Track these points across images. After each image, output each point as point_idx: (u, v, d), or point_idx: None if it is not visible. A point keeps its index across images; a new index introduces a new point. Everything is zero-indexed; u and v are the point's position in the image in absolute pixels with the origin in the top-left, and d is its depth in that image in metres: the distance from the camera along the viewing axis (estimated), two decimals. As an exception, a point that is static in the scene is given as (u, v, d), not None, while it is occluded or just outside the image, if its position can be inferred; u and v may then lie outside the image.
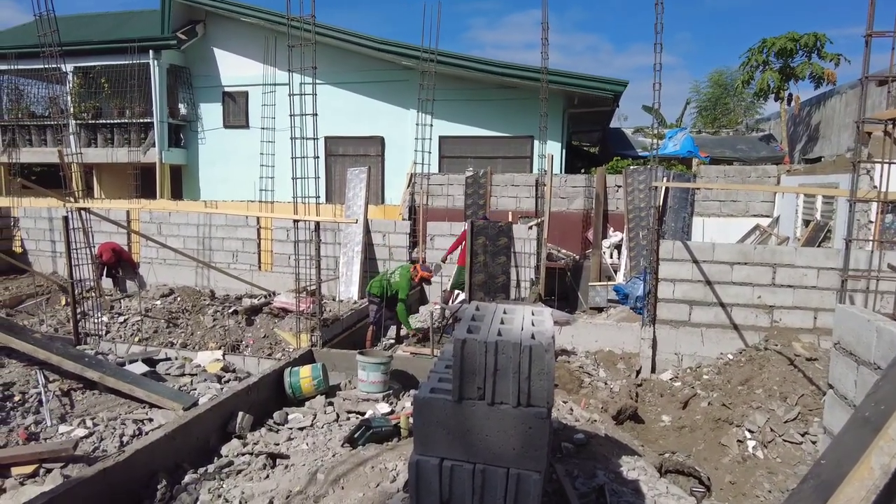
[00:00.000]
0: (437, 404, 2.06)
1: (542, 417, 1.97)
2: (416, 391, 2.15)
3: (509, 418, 2.00)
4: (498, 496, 1.98)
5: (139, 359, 6.47)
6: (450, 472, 2.01)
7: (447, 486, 2.01)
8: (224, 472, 4.35)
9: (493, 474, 2.00)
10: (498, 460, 2.01)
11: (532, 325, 2.15)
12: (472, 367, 2.00)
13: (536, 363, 1.95)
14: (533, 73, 11.87)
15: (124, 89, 15.41)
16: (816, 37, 13.77)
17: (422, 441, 2.08)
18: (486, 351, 1.98)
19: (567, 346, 7.69)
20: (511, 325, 2.16)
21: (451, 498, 2.02)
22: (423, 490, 2.04)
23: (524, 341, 1.98)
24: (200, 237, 12.22)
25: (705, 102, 29.54)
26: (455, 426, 2.03)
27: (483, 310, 2.39)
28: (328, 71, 14.78)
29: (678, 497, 3.56)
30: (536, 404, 1.99)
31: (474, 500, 2.00)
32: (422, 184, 11.40)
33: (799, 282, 7.15)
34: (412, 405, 2.13)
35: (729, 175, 12.00)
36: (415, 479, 2.03)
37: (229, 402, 5.16)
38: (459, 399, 2.03)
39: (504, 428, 2.00)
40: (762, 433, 5.69)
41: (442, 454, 2.05)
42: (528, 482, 1.96)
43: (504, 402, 2.01)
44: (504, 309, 2.41)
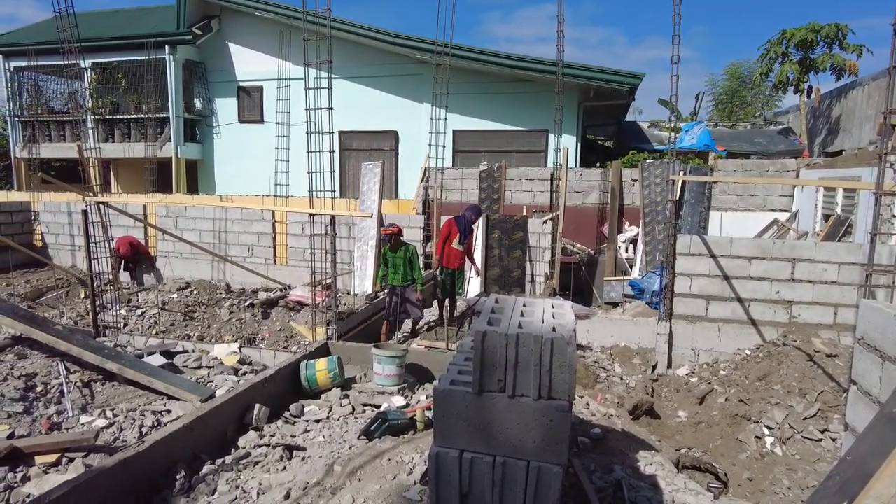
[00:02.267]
0: (458, 396, 2.05)
1: (563, 410, 1.96)
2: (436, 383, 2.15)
3: (530, 411, 1.99)
4: (518, 489, 1.98)
5: (157, 351, 6.54)
6: (470, 465, 2.01)
7: (467, 478, 2.01)
8: (242, 464, 4.39)
9: (513, 467, 1.99)
10: (518, 453, 2.00)
11: (553, 318, 2.13)
12: (493, 360, 1.99)
13: (558, 356, 1.94)
14: (548, 66, 11.78)
15: (141, 85, 15.56)
16: (838, 27, 13.51)
17: (442, 433, 2.08)
18: (506, 343, 1.97)
19: (582, 340, 7.65)
20: (532, 318, 2.15)
21: (471, 490, 2.01)
22: (443, 482, 2.04)
23: (545, 334, 1.96)
24: (216, 231, 12.32)
25: (721, 96, 29.16)
26: (475, 418, 2.03)
27: (502, 302, 2.38)
28: (342, 65, 14.80)
29: (696, 493, 3.53)
30: (558, 397, 1.98)
31: (494, 492, 1.99)
32: (435, 178, 11.39)
33: (819, 277, 7.05)
34: (432, 397, 2.13)
35: (746, 169, 11.84)
36: (434, 471, 2.03)
37: (246, 394, 5.20)
38: (480, 391, 2.02)
39: (525, 421, 1.99)
40: (781, 430, 5.62)
41: (462, 446, 2.05)
42: (548, 475, 1.95)
43: (525, 394, 2.00)
44: (524, 302, 2.40)
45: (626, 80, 12.27)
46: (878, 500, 1.59)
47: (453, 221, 8.12)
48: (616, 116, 16.81)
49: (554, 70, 10.00)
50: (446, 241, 8.07)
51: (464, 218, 8.09)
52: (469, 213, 8.07)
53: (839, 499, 1.85)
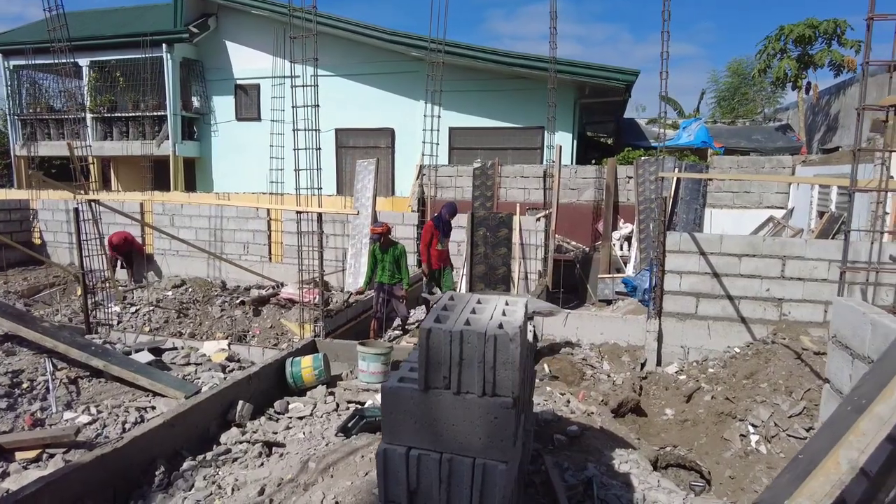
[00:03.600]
0: (405, 393, 2.05)
1: (507, 407, 1.96)
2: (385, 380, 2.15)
3: (475, 408, 1.99)
4: (464, 486, 1.98)
5: (145, 348, 6.57)
6: (417, 462, 2.01)
7: (414, 475, 2.01)
8: (221, 460, 4.41)
9: (459, 464, 1.99)
10: (464, 450, 2.00)
11: (503, 316, 2.13)
12: (438, 357, 2.00)
13: (501, 353, 1.94)
14: (541, 62, 11.75)
15: (139, 83, 15.60)
16: (836, 23, 13.41)
17: (389, 430, 2.08)
18: (451, 340, 1.97)
19: (572, 338, 7.65)
20: (481, 315, 2.15)
21: (419, 487, 2.01)
22: (391, 479, 2.04)
23: (489, 331, 1.96)
24: (212, 228, 12.37)
25: (724, 92, 29.01)
26: (422, 415, 2.03)
27: (457, 299, 2.38)
28: (338, 63, 14.82)
29: (668, 491, 3.53)
30: (502, 394, 1.98)
31: (441, 489, 1.99)
32: (430, 175, 11.38)
33: (809, 274, 7.01)
34: (380, 394, 2.14)
35: (742, 166, 11.79)
36: (382, 468, 2.04)
37: (230, 391, 5.22)
38: (426, 388, 2.02)
39: (470, 418, 1.99)
40: (766, 428, 5.60)
41: (409, 443, 2.05)
42: (493, 472, 1.95)
43: (470, 391, 2.00)
44: (479, 299, 2.40)
45: (621, 77, 12.22)
46: (811, 498, 1.59)
47: (432, 224, 8.21)
48: (614, 113, 16.76)
49: (547, 67, 9.99)
50: (429, 245, 8.14)
51: (441, 217, 8.17)
52: (444, 210, 8.14)
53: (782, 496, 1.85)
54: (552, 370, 6.19)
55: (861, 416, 1.79)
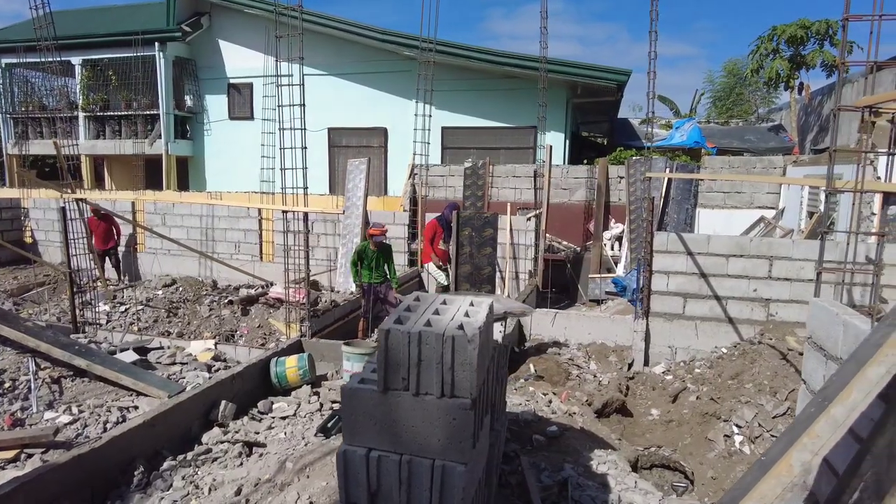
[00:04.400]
0: (364, 394, 2.05)
1: (465, 408, 1.95)
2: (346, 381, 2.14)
3: (433, 409, 1.98)
4: (424, 488, 1.97)
5: (130, 347, 6.55)
6: (377, 463, 2.00)
7: (375, 476, 2.01)
8: (200, 460, 4.40)
9: (419, 466, 1.98)
10: (424, 451, 1.99)
11: (466, 316, 2.13)
12: (397, 358, 1.99)
13: (459, 354, 1.93)
14: (532, 62, 11.74)
15: (131, 81, 15.56)
16: (828, 24, 13.42)
17: (350, 431, 2.07)
18: (409, 341, 1.96)
19: (560, 338, 7.65)
20: (443, 316, 2.14)
21: (379, 489, 2.01)
22: (351, 481, 2.03)
23: (448, 332, 1.96)
24: (203, 228, 12.35)
25: (719, 92, 29.06)
26: (382, 417, 2.02)
27: (422, 300, 2.37)
28: (330, 62, 14.80)
29: (645, 492, 3.52)
30: (460, 395, 1.97)
31: (401, 491, 1.98)
32: (422, 175, 11.37)
33: (796, 275, 7.02)
34: (340, 395, 2.13)
35: (734, 166, 11.80)
36: (343, 470, 2.03)
37: (213, 390, 5.20)
38: (385, 390, 2.02)
39: (429, 419, 1.99)
40: (750, 428, 5.61)
41: (370, 444, 2.04)
42: (452, 474, 1.94)
43: (428, 393, 1.99)
44: (444, 299, 2.39)
45: (613, 77, 12.22)
46: (762, 500, 1.58)
47: (436, 222, 8.15)
48: (608, 113, 16.76)
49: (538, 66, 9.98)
50: (432, 241, 8.10)
51: (444, 217, 8.12)
52: (447, 210, 8.10)
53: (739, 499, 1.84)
54: (538, 370, 6.18)
55: (817, 418, 1.78)
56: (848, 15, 3.45)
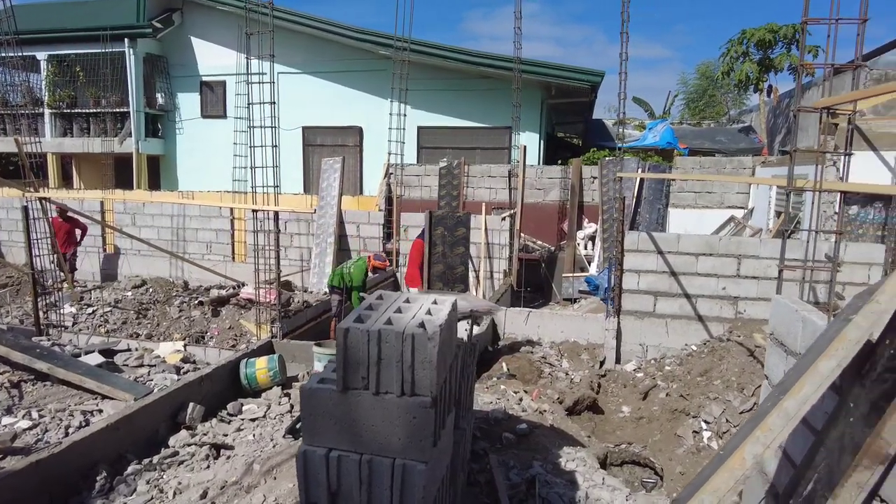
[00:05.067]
0: (323, 394, 2.02)
1: (425, 407, 1.94)
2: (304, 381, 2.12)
3: (394, 408, 1.97)
4: (384, 487, 1.95)
5: (96, 350, 6.40)
6: (337, 463, 1.98)
7: (335, 476, 1.98)
8: (167, 463, 4.31)
9: (379, 465, 1.97)
10: (384, 450, 1.98)
11: (427, 315, 2.12)
12: (356, 357, 1.97)
13: (419, 352, 1.92)
14: (506, 62, 11.79)
15: (99, 78, 15.21)
16: (795, 28, 13.71)
17: (309, 432, 2.05)
18: (368, 340, 1.95)
19: (533, 336, 7.68)
20: (405, 315, 2.13)
21: (340, 489, 1.98)
22: (312, 481, 2.01)
23: (408, 330, 1.94)
24: (174, 228, 12.14)
25: (692, 94, 29.55)
26: (341, 416, 2.00)
27: (385, 298, 2.35)
28: (305, 60, 14.66)
29: (612, 489, 3.55)
30: (421, 394, 1.96)
31: (362, 490, 1.97)
32: (398, 174, 11.33)
33: (763, 273, 7.16)
34: (299, 395, 2.10)
35: (704, 166, 11.99)
36: (302, 470, 2.00)
37: (180, 392, 5.11)
38: (344, 389, 2.00)
39: (389, 418, 1.97)
40: (718, 424, 5.70)
41: (329, 445, 2.02)
42: (413, 473, 1.93)
43: (389, 391, 1.97)
44: (407, 298, 2.38)
45: (585, 78, 12.33)
46: (715, 493, 1.60)
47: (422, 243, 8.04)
48: (583, 114, 16.90)
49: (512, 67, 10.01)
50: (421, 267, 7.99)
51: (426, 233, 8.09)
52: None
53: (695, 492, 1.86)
54: (510, 369, 6.20)
55: (770, 412, 1.81)
56: (807, 18, 3.53)
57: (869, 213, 8.38)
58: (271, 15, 6.07)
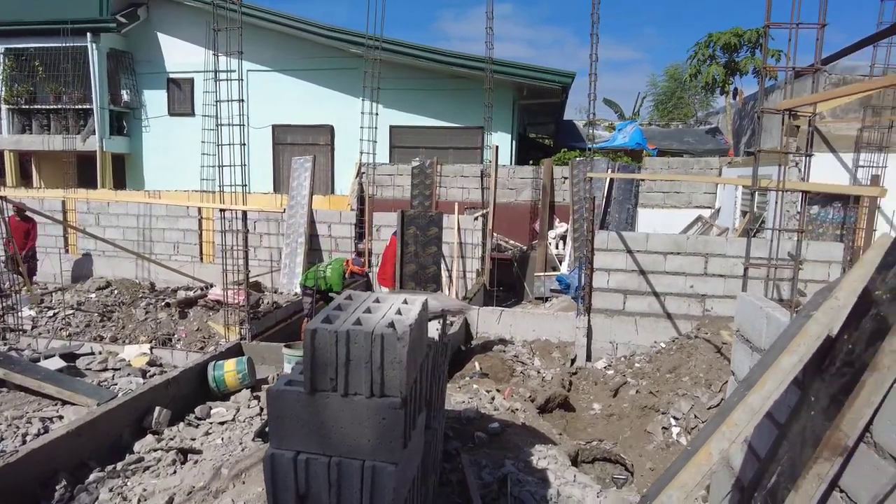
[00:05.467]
0: (291, 397, 1.99)
1: (395, 408, 1.92)
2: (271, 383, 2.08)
3: (363, 409, 1.94)
4: (354, 490, 1.93)
5: (57, 354, 6.20)
6: (305, 466, 1.95)
7: (303, 480, 1.95)
8: (131, 469, 4.20)
9: (348, 467, 1.94)
10: (353, 453, 1.95)
11: (398, 314, 2.10)
12: (324, 358, 1.94)
13: (389, 352, 1.90)
14: (478, 62, 11.82)
15: (60, 73, 14.75)
16: (759, 33, 14.07)
17: (277, 435, 2.01)
18: (336, 341, 1.92)
19: (506, 335, 7.72)
20: (374, 314, 2.10)
21: (308, 492, 1.95)
22: (280, 485, 1.97)
23: (377, 330, 1.92)
24: (141, 228, 11.86)
25: (661, 96, 30.07)
26: (309, 419, 1.97)
27: (354, 298, 2.32)
28: (275, 58, 14.46)
29: (584, 486, 3.58)
30: (390, 394, 1.94)
31: (331, 493, 1.94)
32: (370, 174, 11.26)
33: (730, 271, 7.31)
34: (266, 398, 2.06)
35: (673, 167, 12.21)
36: (270, 474, 1.96)
37: (146, 396, 4.99)
38: (312, 391, 1.96)
39: (358, 419, 1.95)
40: (686, 420, 5.80)
41: (298, 447, 1.99)
42: (382, 475, 1.91)
43: (358, 393, 1.95)
44: (377, 297, 2.36)
45: (557, 79, 12.44)
46: (683, 488, 1.62)
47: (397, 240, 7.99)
48: (554, 115, 17.05)
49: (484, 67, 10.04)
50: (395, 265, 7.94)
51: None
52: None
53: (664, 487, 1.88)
54: (483, 368, 6.21)
55: (735, 407, 1.84)
56: (769, 23, 3.62)
57: (829, 213, 8.65)
58: (240, 11, 5.96)
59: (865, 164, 8.18)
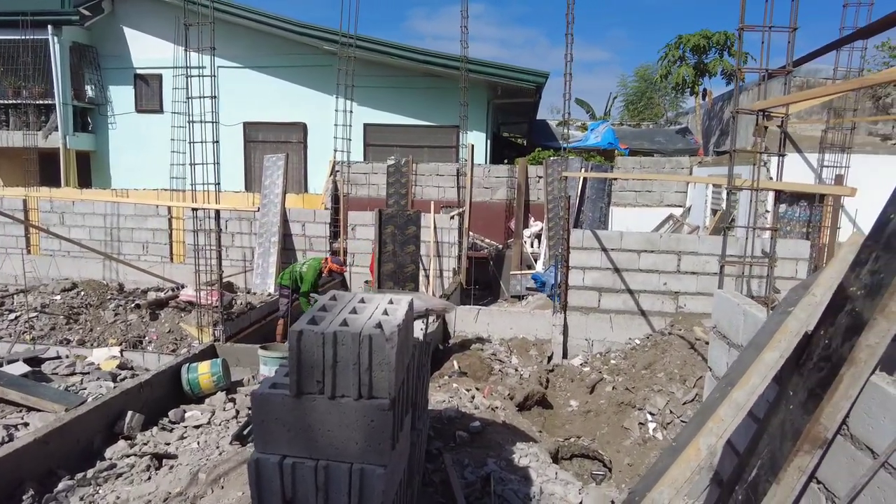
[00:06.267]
0: (276, 400, 1.95)
1: (384, 409, 1.90)
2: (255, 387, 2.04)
3: (351, 412, 1.92)
4: (342, 493, 1.90)
5: (20, 358, 5.99)
6: (291, 471, 1.91)
7: (290, 484, 1.92)
8: (103, 477, 4.08)
9: (336, 470, 1.91)
10: (341, 456, 1.93)
11: (384, 315, 2.07)
12: (311, 360, 1.91)
13: (377, 354, 1.88)
14: (453, 61, 11.82)
15: (19, 67, 14.24)
16: (727, 35, 14.41)
17: (262, 439, 1.97)
18: (324, 342, 1.89)
19: (483, 334, 7.73)
20: (360, 315, 2.08)
21: (295, 497, 1.92)
22: (265, 490, 1.93)
23: (365, 331, 1.90)
24: (108, 227, 11.54)
25: (632, 96, 30.52)
26: (295, 422, 1.93)
27: (339, 299, 2.29)
28: (246, 54, 14.23)
29: (565, 482, 3.60)
30: (379, 396, 1.92)
31: (318, 498, 1.91)
32: (344, 172, 11.16)
33: (702, 268, 7.46)
34: (250, 402, 2.02)
35: (645, 166, 12.41)
36: (255, 480, 1.92)
37: (117, 400, 4.85)
38: (298, 394, 1.93)
39: (346, 422, 1.92)
40: (662, 415, 5.89)
41: (283, 451, 1.95)
42: (371, 477, 1.89)
43: (345, 395, 1.92)
44: (362, 298, 2.33)
45: (531, 79, 12.52)
46: (673, 485, 1.63)
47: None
48: (527, 114, 17.15)
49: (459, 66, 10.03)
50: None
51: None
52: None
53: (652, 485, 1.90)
54: (461, 366, 6.22)
55: (721, 403, 1.87)
56: (743, 25, 3.70)
57: (795, 212, 8.89)
58: (212, 7, 5.83)
59: (829, 164, 8.43)
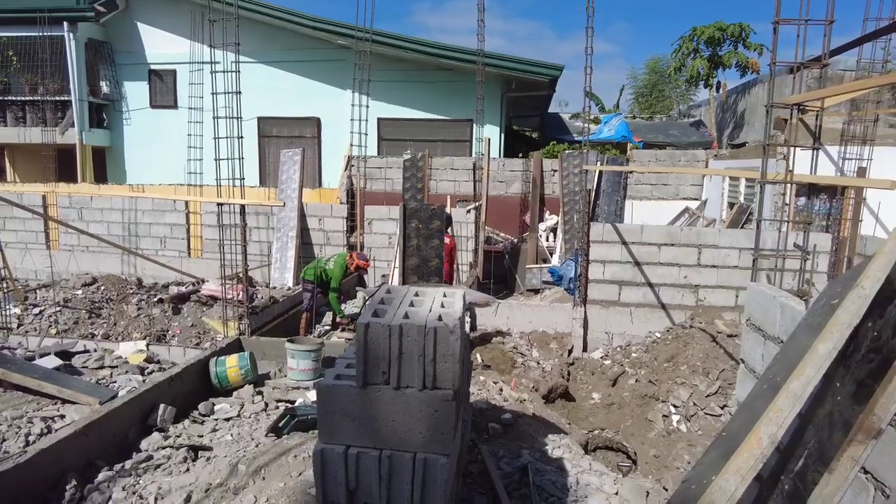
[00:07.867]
0: (342, 391, 1.99)
1: (447, 400, 1.94)
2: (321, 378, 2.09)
3: (415, 402, 1.96)
4: (405, 482, 1.95)
5: (52, 352, 6.08)
6: (356, 460, 1.96)
7: (353, 474, 1.96)
8: (142, 468, 4.16)
9: (399, 460, 1.96)
10: (405, 445, 1.97)
11: (442, 307, 2.11)
12: (377, 352, 1.95)
13: (442, 345, 1.92)
14: (469, 54, 11.80)
15: (36, 64, 14.34)
16: (742, 27, 14.29)
17: (326, 429, 2.01)
18: (390, 335, 1.93)
19: (503, 327, 7.77)
20: (419, 308, 2.11)
21: (358, 486, 1.96)
22: (329, 479, 1.98)
23: (429, 324, 1.94)
24: (126, 223, 11.65)
25: (642, 89, 30.33)
26: (360, 413, 1.97)
27: (394, 292, 2.33)
28: (260, 49, 14.26)
29: (600, 473, 3.64)
30: (442, 387, 1.96)
31: (381, 487, 1.95)
32: (359, 167, 11.20)
33: (722, 262, 7.46)
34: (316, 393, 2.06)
35: (660, 159, 12.37)
36: (320, 469, 1.97)
37: (150, 393, 4.93)
38: (364, 385, 1.97)
39: (410, 412, 1.96)
40: (686, 407, 5.92)
41: (348, 442, 2.00)
42: (435, 466, 1.93)
43: (410, 386, 1.97)
44: (416, 291, 2.36)
45: (546, 72, 12.48)
46: (738, 473, 1.67)
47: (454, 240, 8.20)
48: (540, 108, 17.11)
49: (475, 59, 10.03)
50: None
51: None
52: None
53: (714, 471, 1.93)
54: (485, 359, 6.26)
55: (778, 394, 1.90)
56: (779, 19, 3.70)
57: (815, 205, 8.84)
58: (236, 4, 5.87)
59: (851, 157, 8.37)
